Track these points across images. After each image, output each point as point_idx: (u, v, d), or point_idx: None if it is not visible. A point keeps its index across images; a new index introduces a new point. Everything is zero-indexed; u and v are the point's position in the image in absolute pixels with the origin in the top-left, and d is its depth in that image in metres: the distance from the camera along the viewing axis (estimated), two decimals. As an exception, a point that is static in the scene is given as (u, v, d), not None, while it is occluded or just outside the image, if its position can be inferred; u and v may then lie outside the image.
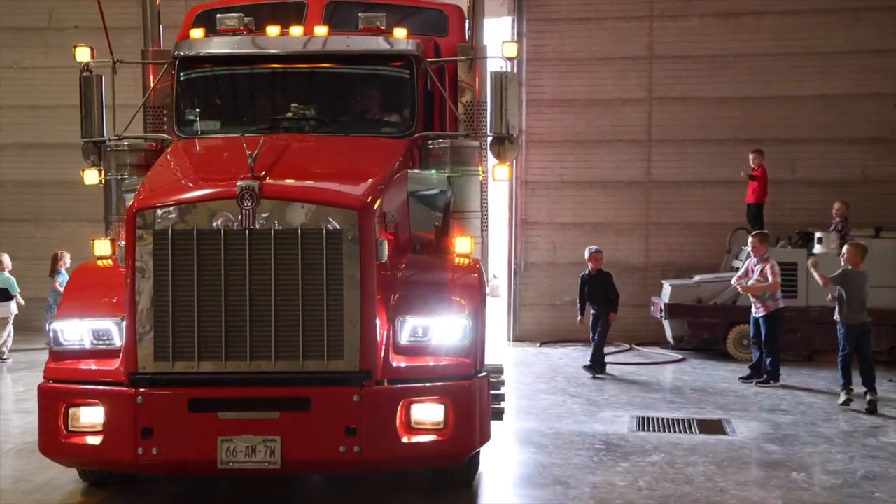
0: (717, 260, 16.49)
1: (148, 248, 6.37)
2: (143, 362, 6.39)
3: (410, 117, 8.11)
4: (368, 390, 6.35)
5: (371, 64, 8.30)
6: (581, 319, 13.67)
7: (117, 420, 6.40)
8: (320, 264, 6.35)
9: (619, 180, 17.23)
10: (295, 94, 8.31)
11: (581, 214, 17.34)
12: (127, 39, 17.28)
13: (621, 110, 17.14)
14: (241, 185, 6.29)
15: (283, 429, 6.28)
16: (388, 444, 6.37)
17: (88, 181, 8.25)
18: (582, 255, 17.08)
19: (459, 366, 6.61)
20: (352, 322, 6.35)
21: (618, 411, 10.50)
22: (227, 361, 6.36)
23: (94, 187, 16.83)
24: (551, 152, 17.34)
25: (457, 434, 6.47)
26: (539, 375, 13.02)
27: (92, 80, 8.15)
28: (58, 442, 6.60)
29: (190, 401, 6.33)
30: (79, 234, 17.80)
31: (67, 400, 6.55)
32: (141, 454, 6.31)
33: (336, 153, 7.77)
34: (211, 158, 7.82)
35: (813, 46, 16.52)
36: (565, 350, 16.04)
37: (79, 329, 6.74)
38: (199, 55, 8.19)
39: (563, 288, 17.23)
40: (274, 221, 6.34)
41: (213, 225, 6.37)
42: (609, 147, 17.18)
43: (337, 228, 6.37)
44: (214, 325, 6.34)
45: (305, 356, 6.35)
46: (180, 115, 8.26)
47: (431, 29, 8.81)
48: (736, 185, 16.58)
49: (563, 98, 17.01)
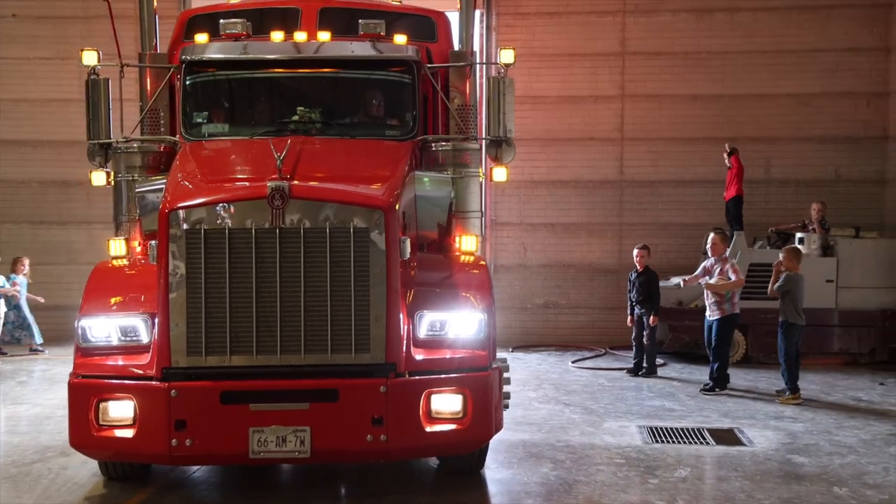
0: (692, 261, 16.19)
1: (181, 247, 6.67)
2: (175, 357, 6.68)
3: (412, 120, 8.45)
4: (394, 381, 6.71)
5: (375, 69, 8.66)
6: (631, 320, 13.50)
7: (151, 413, 6.66)
8: (347, 262, 6.69)
9: (592, 179, 17.03)
10: (301, 98, 8.62)
11: (552, 215, 17.09)
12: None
13: (593, 107, 16.95)
14: (272, 185, 6.63)
15: (313, 419, 6.61)
16: (412, 432, 6.73)
17: (96, 183, 8.51)
18: (553, 257, 17.04)
19: (476, 358, 7.00)
20: (378, 317, 6.71)
21: (621, 421, 10.09)
22: (257, 356, 6.67)
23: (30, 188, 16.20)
24: (521, 150, 15.92)
25: (475, 423, 6.86)
26: (524, 383, 12.56)
27: (99, 82, 8.27)
28: (89, 435, 6.82)
29: (222, 393, 6.62)
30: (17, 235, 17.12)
31: (98, 395, 6.77)
32: (174, 446, 6.58)
33: (350, 155, 8.06)
34: (234, 160, 8.10)
35: (786, 44, 16.52)
36: (540, 355, 15.72)
37: (106, 326, 6.97)
38: (210, 59, 8.43)
39: (533, 290, 17.06)
40: (302, 221, 6.67)
41: (244, 224, 6.66)
42: (581, 145, 16.96)
43: (363, 227, 6.72)
44: (245, 320, 6.65)
45: (333, 350, 6.69)
46: (188, 117, 8.46)
47: (422, 35, 9.03)
48: (710, 185, 16.49)
49: (534, 95, 16.66)
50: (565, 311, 17.01)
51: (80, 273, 16.80)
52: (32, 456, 8.62)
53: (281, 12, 9.21)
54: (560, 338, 16.73)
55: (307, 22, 8.95)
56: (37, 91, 17.29)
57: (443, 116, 8.80)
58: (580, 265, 17.03)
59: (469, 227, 8.41)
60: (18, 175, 17.41)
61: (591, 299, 16.96)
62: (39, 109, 17.31)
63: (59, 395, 11.55)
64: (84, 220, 17.35)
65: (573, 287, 17.00)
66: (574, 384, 12.64)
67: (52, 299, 17.14)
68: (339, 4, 9.47)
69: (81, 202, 17.34)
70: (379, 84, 8.79)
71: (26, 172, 17.38)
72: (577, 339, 16.65)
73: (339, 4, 9.47)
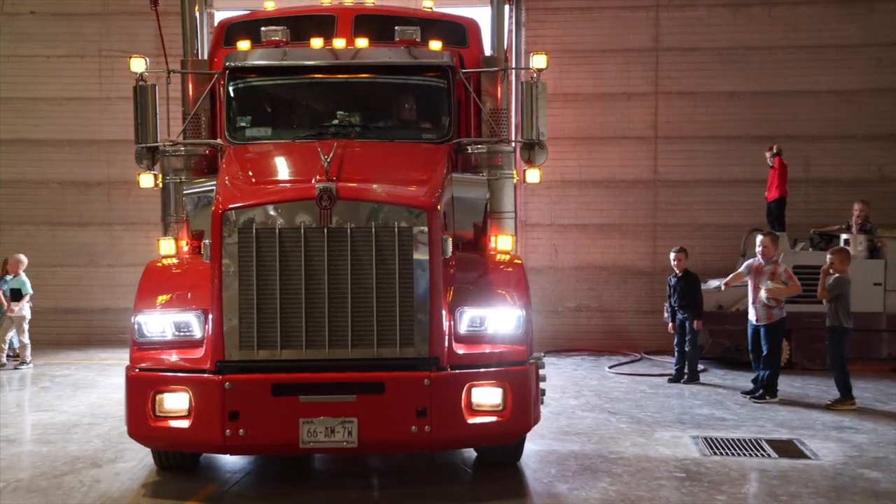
0: (729, 264, 15.80)
1: (233, 246, 7.02)
2: (229, 351, 7.00)
3: (448, 124, 8.73)
4: (437, 375, 7.01)
5: (412, 75, 8.92)
6: (672, 326, 13.18)
7: (205, 404, 6.97)
8: (392, 259, 7.02)
9: (624, 179, 16.70)
10: (340, 103, 8.97)
11: (584, 215, 16.77)
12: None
13: (626, 105, 16.61)
14: (320, 187, 6.97)
15: (360, 411, 6.90)
16: (454, 424, 7.01)
17: (144, 185, 8.90)
18: (585, 259, 16.66)
19: (515, 353, 7.30)
20: (421, 312, 7.03)
21: (673, 431, 9.71)
22: (306, 349, 7.00)
23: (49, 188, 15.60)
24: (552, 150, 15.46)
25: (514, 415, 7.16)
26: (563, 389, 12.22)
27: (146, 89, 8.56)
28: (146, 426, 7.16)
29: (273, 386, 6.92)
30: (36, 237, 16.85)
31: (155, 387, 7.11)
32: (228, 436, 6.89)
33: (390, 157, 8.38)
34: (280, 163, 8.48)
35: (826, 39, 16.15)
36: (573, 360, 15.41)
37: (160, 322, 7.31)
38: (254, 66, 8.77)
39: (565, 293, 16.79)
40: (349, 220, 7.01)
41: (293, 224, 7.00)
42: (613, 144, 16.63)
43: (407, 227, 7.05)
44: (295, 316, 6.98)
45: (379, 344, 7.01)
46: (231, 122, 8.76)
47: (453, 41, 9.28)
48: (747, 185, 16.13)
49: (565, 92, 16.31)
50: (598, 314, 16.71)
51: (101, 276, 17.15)
52: (63, 467, 8.33)
53: (317, 19, 9.53)
54: (592, 342, 16.43)
55: (342, 29, 9.25)
56: (55, 89, 17.15)
57: (475, 119, 9.05)
58: (613, 267, 16.71)
59: (503, 227, 8.72)
60: (38, 175, 17.25)
61: (625, 302, 16.67)
62: (58, 108, 17.17)
63: (83, 402, 11.30)
64: (104, 222, 17.22)
65: (606, 290, 16.70)
66: (615, 391, 12.25)
67: (72, 302, 17.07)
68: (373, 12, 9.77)
69: (101, 203, 17.23)
70: (415, 89, 9.05)
71: (45, 172, 17.22)
72: (610, 343, 16.35)
73: (373, 12, 9.77)
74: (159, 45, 16.61)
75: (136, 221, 16.98)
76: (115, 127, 16.66)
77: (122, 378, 12.19)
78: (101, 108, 16.97)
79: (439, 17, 9.94)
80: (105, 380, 13.04)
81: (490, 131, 8.83)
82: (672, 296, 13.13)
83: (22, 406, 11.34)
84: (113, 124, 16.77)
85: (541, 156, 8.53)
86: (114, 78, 16.77)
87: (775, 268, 11.49)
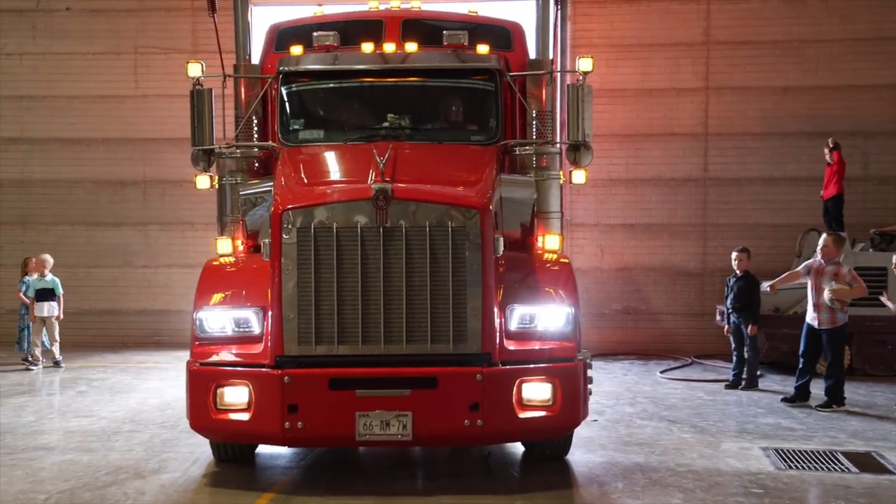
0: (783, 265, 15.31)
1: (292, 245, 7.26)
2: (287, 346, 7.25)
3: (495, 126, 8.94)
4: (489, 370, 7.23)
5: (461, 78, 9.17)
6: (728, 329, 12.72)
7: (265, 398, 7.23)
8: (446, 258, 7.23)
9: (673, 177, 16.29)
10: (390, 106, 9.15)
11: (631, 215, 16.40)
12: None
13: (675, 101, 16.20)
14: (376, 187, 7.20)
15: (414, 405, 7.14)
16: (506, 418, 7.24)
17: (200, 186, 9.07)
18: (632, 260, 16.22)
19: (564, 349, 7.52)
20: (474, 309, 7.25)
21: (740, 442, 9.29)
22: (362, 345, 7.23)
23: (84, 188, 15.59)
24: (598, 147, 15.19)
25: (563, 410, 7.39)
26: (617, 396, 11.79)
27: (203, 93, 8.70)
28: (208, 418, 7.43)
29: (330, 380, 7.17)
30: (71, 237, 16.53)
31: (217, 381, 7.38)
32: (287, 428, 7.15)
33: (441, 159, 8.62)
34: (335, 164, 8.77)
35: (886, 31, 15.73)
36: (622, 364, 14.99)
37: (220, 318, 7.58)
38: (308, 70, 9.01)
39: (611, 295, 16.44)
40: (403, 220, 7.23)
41: (350, 223, 7.25)
42: (662, 141, 16.24)
43: (461, 226, 7.27)
44: (352, 312, 7.23)
45: (433, 340, 7.23)
46: (284, 124, 9.00)
47: (499, 44, 9.41)
48: (801, 183, 15.65)
49: (612, 88, 15.87)
50: (645, 317, 16.35)
51: (136, 277, 16.97)
52: (105, 478, 8.04)
53: (364, 24, 9.70)
54: (640, 346, 16.09)
55: (391, 33, 9.45)
56: (91, 87, 17.04)
57: (520, 121, 9.24)
58: (661, 268, 16.33)
59: (550, 227, 8.93)
60: (73, 174, 17.13)
61: (674, 305, 16.29)
62: (93, 106, 17.06)
63: (122, 407, 11.03)
64: (140, 222, 17.08)
65: (654, 292, 16.34)
66: (671, 398, 11.80)
67: (107, 303, 16.94)
68: (420, 16, 9.96)
69: (137, 203, 17.09)
70: (464, 92, 9.29)
71: (80, 172, 17.10)
72: (658, 347, 15.98)
73: (420, 16, 9.96)
74: (195, 42, 16.71)
75: (171, 221, 16.88)
76: (151, 125, 16.77)
77: (160, 382, 12.26)
78: (137, 106, 16.87)
79: (484, 20, 10.09)
80: (143, 384, 12.79)
81: (536, 133, 9.04)
82: (729, 296, 12.62)
83: (60, 411, 11.09)
84: (148, 122, 16.79)
85: (586, 157, 8.65)
86: (150, 75, 16.83)
87: (838, 269, 10.98)
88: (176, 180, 16.56)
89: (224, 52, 9.37)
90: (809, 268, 11.29)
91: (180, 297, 16.44)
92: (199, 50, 16.48)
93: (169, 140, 16.55)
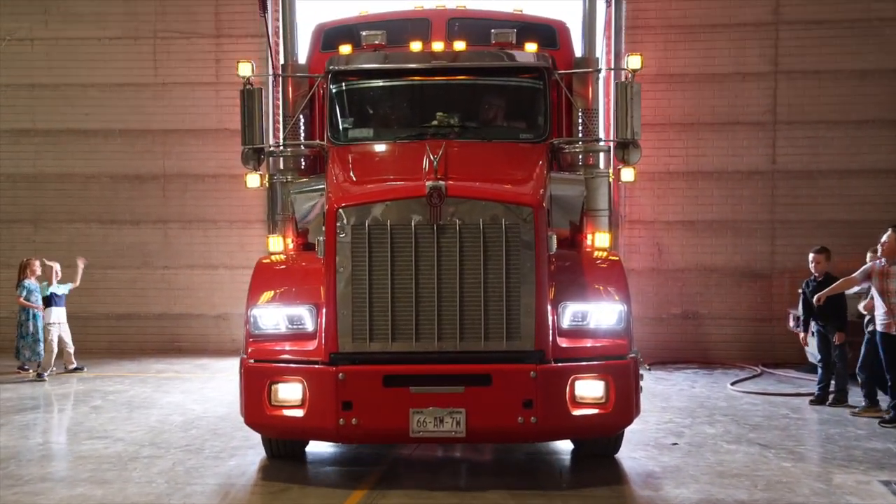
0: (859, 265, 13.97)
1: (346, 242, 7.37)
2: (342, 343, 7.37)
3: (544, 124, 9.02)
4: (543, 367, 7.35)
5: (508, 76, 9.30)
6: (804, 338, 11.76)
7: (319, 394, 7.36)
8: (499, 255, 7.34)
9: (738, 170, 15.16)
10: (439, 104, 9.24)
11: (691, 210, 15.26)
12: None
13: (740, 86, 15.07)
14: (430, 185, 7.32)
15: (468, 402, 7.26)
16: (559, 415, 7.36)
17: (251, 185, 9.22)
18: (692, 259, 15.12)
19: (617, 346, 7.65)
20: (527, 307, 7.35)
21: (854, 474, 8.21)
22: (416, 342, 7.35)
23: (100, 183, 15.79)
24: (656, 137, 15.08)
25: (616, 408, 7.48)
26: (691, 413, 10.74)
27: (253, 92, 8.91)
28: (263, 414, 7.56)
29: (385, 377, 7.31)
30: (86, 236, 16.02)
31: (271, 377, 7.53)
32: (342, 425, 7.28)
33: (492, 157, 8.68)
34: (386, 162, 8.95)
35: (976, 8, 14.14)
36: (684, 374, 13.91)
37: (274, 315, 7.75)
38: (358, 69, 9.14)
39: (670, 298, 15.39)
40: (457, 217, 7.35)
41: (404, 220, 7.35)
42: (725, 130, 15.13)
43: (515, 223, 7.38)
44: (406, 309, 7.35)
45: (487, 337, 7.34)
46: (334, 123, 9.10)
47: (545, 42, 9.52)
48: (881, 175, 14.49)
49: (670, 73, 14.96)
50: (707, 322, 15.23)
51: (155, 278, 15.97)
52: (119, 519, 6.85)
53: (411, 23, 9.81)
54: (702, 353, 15.04)
55: (437, 31, 9.58)
56: (107, 75, 16.11)
57: (567, 119, 9.39)
58: (725, 269, 15.20)
59: (599, 224, 9.07)
60: (87, 168, 16.21)
61: (738, 308, 15.16)
62: (110, 95, 16.14)
63: (141, 425, 10.02)
64: (159, 219, 16.20)
65: (716, 294, 15.18)
66: (752, 415, 10.71)
67: (125, 307, 16.11)
68: (466, 15, 10.08)
69: (156, 199, 16.19)
70: (513, 90, 9.41)
71: (96, 165, 16.17)
72: (721, 354, 14.93)
73: (466, 15, 10.08)
74: (218, 26, 15.75)
75: (192, 219, 15.98)
76: (171, 115, 15.92)
77: (182, 396, 11.63)
78: (156, 95, 15.97)
79: (531, 19, 10.17)
80: (163, 397, 11.77)
81: (583, 131, 9.22)
82: (807, 303, 11.35)
83: (72, 431, 10.03)
84: (169, 112, 15.93)
85: (635, 154, 8.73)
86: (170, 62, 15.95)
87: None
88: (198, 174, 15.81)
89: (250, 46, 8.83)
90: (869, 272, 10.19)
91: (202, 301, 15.89)
92: (223, 34, 15.62)
93: (190, 131, 15.80)
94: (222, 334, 15.67)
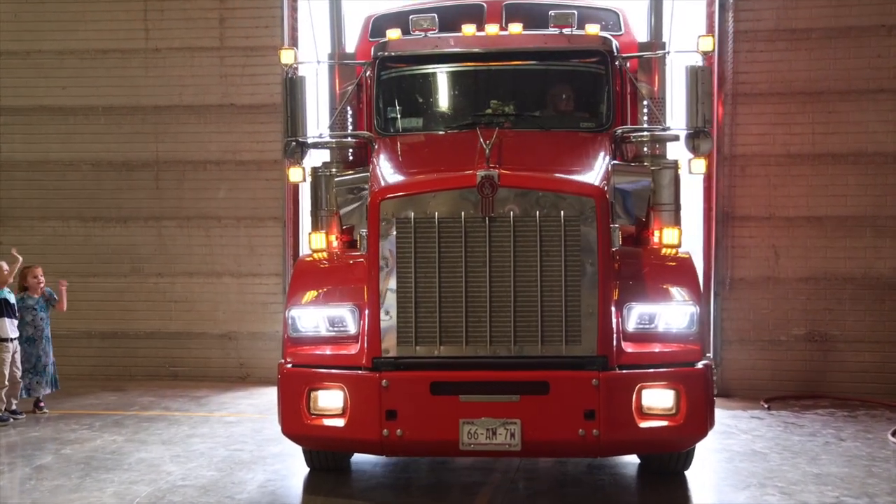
0: None
1: (391, 237, 7.31)
2: (385, 347, 7.27)
3: (607, 112, 8.97)
4: (606, 375, 7.13)
5: (568, 60, 9.16)
6: None
7: (362, 403, 7.25)
8: (558, 251, 7.17)
9: (881, 152, 12.62)
10: (492, 91, 9.20)
11: (819, 204, 12.78)
12: None
13: (885, 44, 12.56)
14: (481, 174, 7.20)
15: (523, 412, 7.08)
16: (624, 427, 7.12)
17: (294, 179, 9.35)
18: (820, 267, 12.89)
19: (688, 352, 7.39)
20: (589, 308, 7.18)
21: None
22: (467, 346, 7.22)
23: (80, 172, 14.13)
24: (771, 110, 12.73)
25: (688, 420, 7.19)
26: (861, 486, 8.03)
27: (297, 81, 8.94)
28: (301, 424, 7.45)
29: (432, 384, 7.18)
30: (63, 237, 14.01)
31: (310, 384, 7.43)
32: (386, 435, 7.16)
33: (550, 146, 8.58)
34: (435, 151, 8.86)
35: None
36: (818, 416, 11.08)
37: (314, 317, 7.65)
38: (407, 54, 9.12)
39: (790, 315, 12.90)
40: (512, 209, 7.21)
41: (453, 213, 7.25)
42: (865, 101, 12.66)
43: (574, 216, 7.22)
44: (455, 310, 7.21)
45: (544, 341, 7.17)
46: (381, 113, 9.13)
47: (607, 27, 9.52)
48: None
49: (791, 27, 12.60)
50: (840, 346, 12.64)
51: (147, 289, 13.17)
52: None
53: (465, 9, 9.74)
54: (834, 386, 12.44)
55: (492, 17, 9.47)
56: (87, 39, 14.02)
57: (632, 108, 9.27)
58: (863, 279, 12.63)
59: (666, 219, 8.74)
60: (65, 155, 14.05)
61: (881, 329, 12.57)
62: (91, 64, 14.02)
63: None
64: (151, 216, 14.04)
65: (852, 311, 12.64)
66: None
67: (109, 324, 14.14)
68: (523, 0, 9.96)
69: (148, 191, 14.11)
70: (573, 76, 9.31)
71: (75, 150, 14.04)
72: (858, 388, 12.36)
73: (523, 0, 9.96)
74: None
75: (192, 215, 13.81)
76: (165, 88, 13.85)
77: (161, 449, 9.79)
78: (147, 63, 13.83)
79: (590, 4, 10.19)
80: (135, 451, 9.31)
81: (648, 119, 9.12)
82: None
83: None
84: (162, 84, 13.84)
85: (706, 144, 8.57)
86: (164, 22, 13.90)
87: None
88: (199, 161, 13.73)
89: None
90: None
91: (203, 316, 13.80)
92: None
93: (189, 108, 13.74)
94: (228, 357, 13.57)
